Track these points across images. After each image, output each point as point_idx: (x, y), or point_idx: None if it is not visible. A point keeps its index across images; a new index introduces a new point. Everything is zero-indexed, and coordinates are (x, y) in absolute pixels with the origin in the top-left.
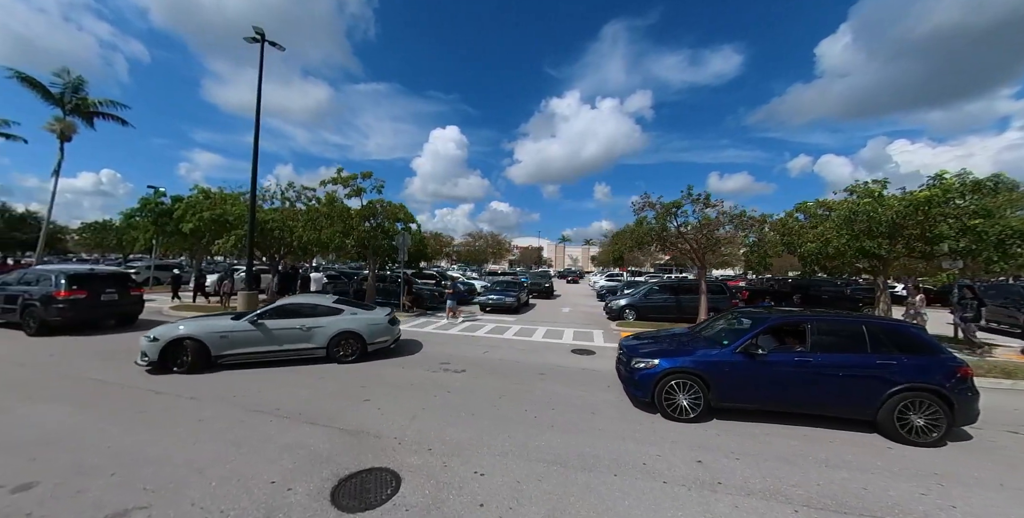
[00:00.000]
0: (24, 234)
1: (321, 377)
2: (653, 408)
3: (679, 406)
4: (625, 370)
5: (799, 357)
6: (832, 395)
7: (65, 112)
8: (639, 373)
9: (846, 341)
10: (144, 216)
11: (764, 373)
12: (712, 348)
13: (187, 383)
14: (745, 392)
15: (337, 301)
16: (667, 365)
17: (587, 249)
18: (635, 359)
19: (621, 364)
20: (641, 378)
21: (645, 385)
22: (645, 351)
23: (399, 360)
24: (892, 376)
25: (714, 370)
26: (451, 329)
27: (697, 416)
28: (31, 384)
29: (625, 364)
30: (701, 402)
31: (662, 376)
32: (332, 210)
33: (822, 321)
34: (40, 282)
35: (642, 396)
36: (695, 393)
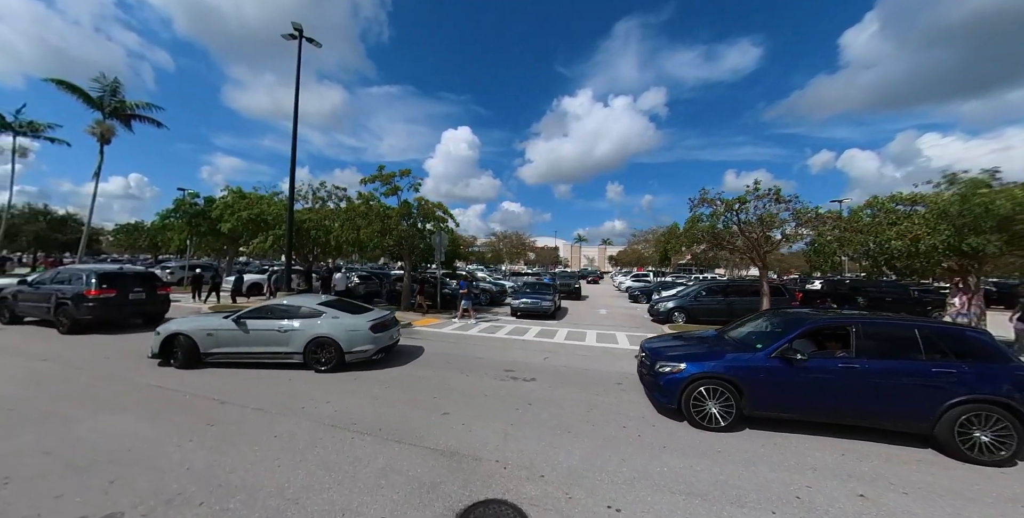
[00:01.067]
0: (64, 235)
1: (387, 385)
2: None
3: (708, 414)
4: (649, 374)
5: (843, 363)
6: (882, 406)
7: (105, 115)
8: (664, 378)
9: (896, 346)
10: (179, 217)
11: (804, 380)
12: (744, 352)
13: (248, 392)
14: (782, 400)
15: (325, 302)
16: (695, 370)
17: (603, 249)
18: (659, 363)
19: (644, 367)
20: (667, 383)
21: (671, 391)
22: (670, 354)
23: (458, 365)
24: (951, 386)
25: (747, 376)
26: (498, 332)
27: (728, 425)
28: (92, 390)
29: (648, 368)
30: (733, 410)
31: (689, 381)
32: (371, 209)
33: (869, 324)
34: (72, 281)
35: (667, 402)
36: (726, 400)
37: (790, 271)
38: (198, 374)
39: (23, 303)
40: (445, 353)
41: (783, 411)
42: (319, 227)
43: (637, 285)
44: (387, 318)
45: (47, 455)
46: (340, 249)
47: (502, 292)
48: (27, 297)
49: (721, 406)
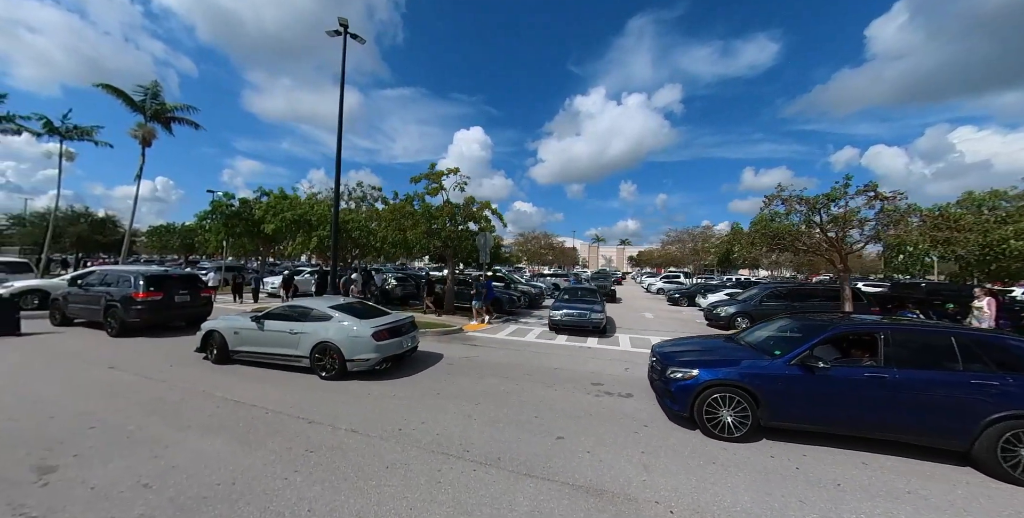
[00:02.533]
0: (104, 237)
1: (477, 402)
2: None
3: (723, 423)
4: (660, 380)
5: (870, 373)
6: (913, 420)
7: (146, 118)
8: (676, 384)
9: (930, 355)
10: (215, 219)
11: (826, 390)
12: (761, 358)
13: (332, 409)
14: (802, 411)
15: (337, 305)
16: (708, 376)
17: (622, 249)
18: (671, 368)
19: (654, 373)
20: (678, 390)
21: (682, 398)
22: (683, 359)
23: (539, 377)
24: (993, 400)
25: (764, 384)
26: (557, 338)
27: (743, 435)
28: (170, 404)
29: (659, 373)
30: (749, 419)
31: (702, 388)
32: (417, 209)
33: (900, 331)
34: (119, 283)
35: (679, 410)
36: (741, 409)
37: (819, 272)
38: (270, 387)
39: (73, 305)
40: (516, 363)
41: (803, 422)
42: (362, 228)
43: (670, 287)
44: (398, 324)
45: (147, 489)
46: (381, 250)
47: (540, 295)
48: (77, 299)
49: (736, 415)
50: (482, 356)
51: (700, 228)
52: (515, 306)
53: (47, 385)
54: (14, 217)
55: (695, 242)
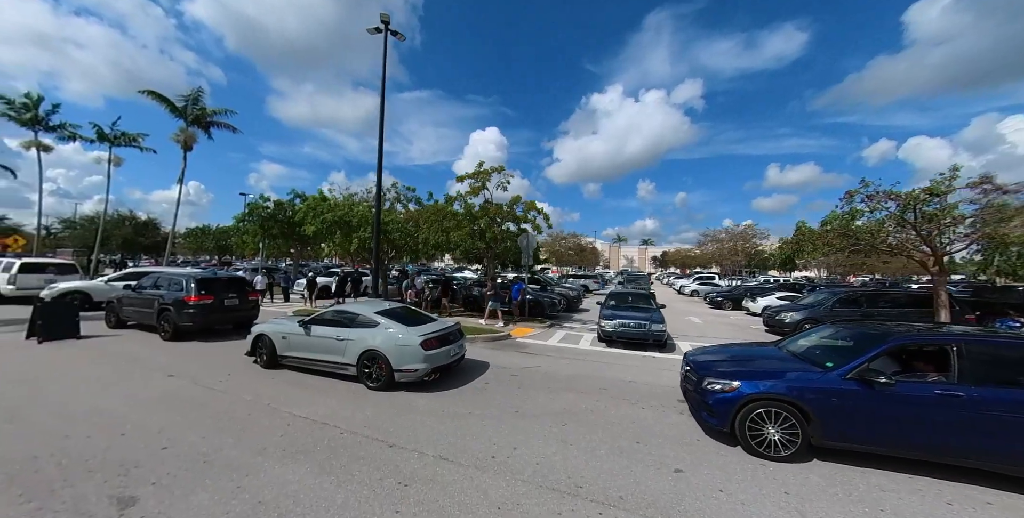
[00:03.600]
0: (146, 239)
1: (563, 423)
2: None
3: (768, 440)
4: (695, 392)
5: (942, 390)
6: (996, 445)
7: (187, 123)
8: (714, 396)
9: (1014, 371)
10: (252, 221)
11: (889, 408)
12: (809, 370)
13: (411, 430)
14: (861, 431)
15: (383, 311)
16: (750, 389)
17: (644, 249)
18: (708, 379)
19: (688, 383)
20: (717, 403)
21: (722, 412)
22: (721, 370)
23: (617, 393)
24: None
25: (816, 400)
26: (613, 346)
27: (792, 454)
28: (240, 422)
29: (695, 384)
30: (799, 438)
31: (745, 402)
32: (458, 210)
33: (976, 342)
34: (171, 286)
35: (717, 424)
36: (790, 426)
37: (856, 273)
38: (333, 400)
39: (127, 308)
40: (584, 375)
41: (862, 443)
42: (401, 229)
43: (705, 288)
44: (446, 332)
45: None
46: (420, 252)
47: (578, 297)
48: (131, 302)
49: (783, 432)
50: (545, 366)
51: (741, 227)
52: (555, 310)
53: (112, 395)
54: (65, 221)
55: (735, 242)
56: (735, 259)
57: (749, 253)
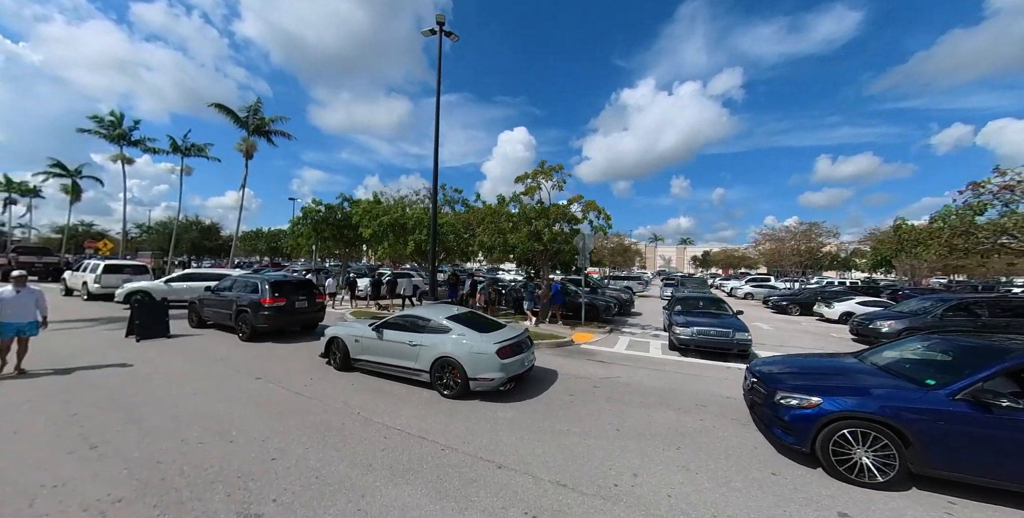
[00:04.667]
0: (210, 242)
1: (677, 446)
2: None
3: (857, 464)
4: (765, 406)
5: None
6: None
7: (249, 132)
8: (790, 413)
9: None
10: (306, 224)
11: (1011, 436)
12: (904, 387)
13: (513, 447)
14: (976, 460)
15: (453, 316)
16: (834, 406)
17: (682, 249)
18: (781, 393)
19: (755, 395)
20: (794, 420)
21: (800, 430)
22: (795, 383)
23: (719, 411)
24: None
25: (918, 422)
26: (689, 354)
27: (887, 482)
28: (340, 434)
29: (764, 397)
30: (896, 464)
31: (828, 421)
32: (514, 211)
33: None
34: (248, 289)
35: (794, 442)
36: (884, 450)
37: (932, 274)
38: (425, 413)
39: (207, 309)
40: (674, 388)
41: (976, 475)
42: (456, 231)
43: (760, 291)
44: (519, 340)
45: None
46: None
47: (630, 300)
48: (210, 303)
49: (877, 456)
50: (624, 377)
51: (805, 225)
52: (610, 314)
53: (211, 397)
54: (140, 226)
55: (797, 241)
56: (796, 260)
57: (814, 253)
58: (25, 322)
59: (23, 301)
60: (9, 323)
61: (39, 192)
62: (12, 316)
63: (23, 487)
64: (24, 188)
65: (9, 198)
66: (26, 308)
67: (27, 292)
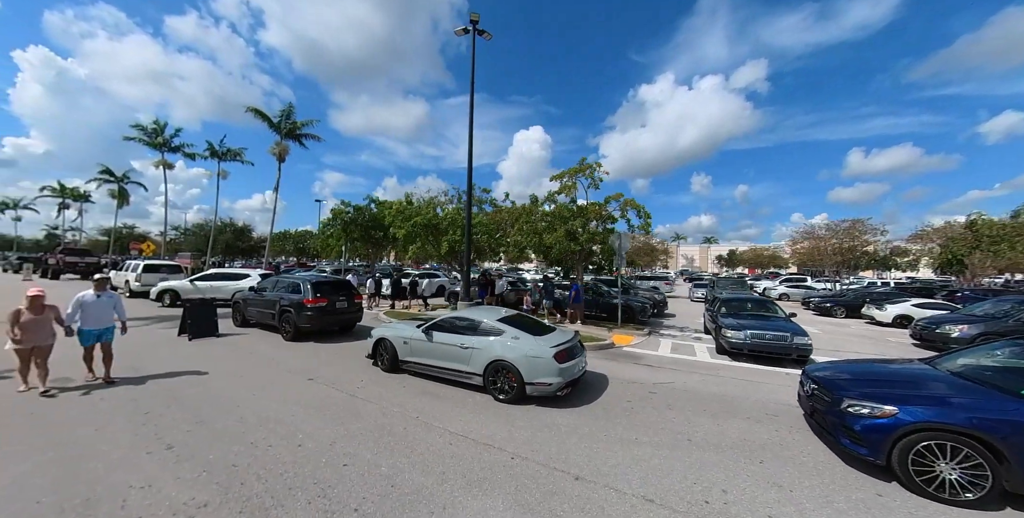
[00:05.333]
0: (243, 243)
1: (761, 460)
2: None
3: (941, 479)
4: (830, 414)
5: None
6: None
7: (282, 136)
8: (861, 422)
9: None
10: (336, 225)
11: None
12: (994, 397)
13: (583, 457)
14: None
15: (504, 319)
16: (912, 417)
17: (706, 248)
18: (848, 400)
19: (816, 402)
20: (866, 430)
21: (873, 441)
22: (864, 391)
23: (790, 420)
24: None
25: (1014, 436)
26: (741, 359)
27: (978, 499)
28: (402, 439)
29: (827, 404)
30: (988, 481)
31: (906, 432)
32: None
33: None
34: (290, 289)
35: (866, 454)
36: (974, 465)
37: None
38: (485, 418)
39: (250, 308)
40: (735, 395)
41: None
42: (490, 232)
43: (797, 292)
44: (574, 343)
45: None
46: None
47: (664, 301)
48: (254, 303)
49: (965, 472)
50: (678, 383)
51: (848, 222)
52: (645, 315)
53: (269, 398)
54: (176, 228)
55: (839, 239)
56: (837, 259)
57: (857, 252)
58: (104, 327)
59: (103, 306)
60: (89, 330)
61: (89, 197)
62: (92, 322)
63: (113, 486)
64: (76, 194)
65: (63, 203)
66: (106, 313)
67: (107, 296)
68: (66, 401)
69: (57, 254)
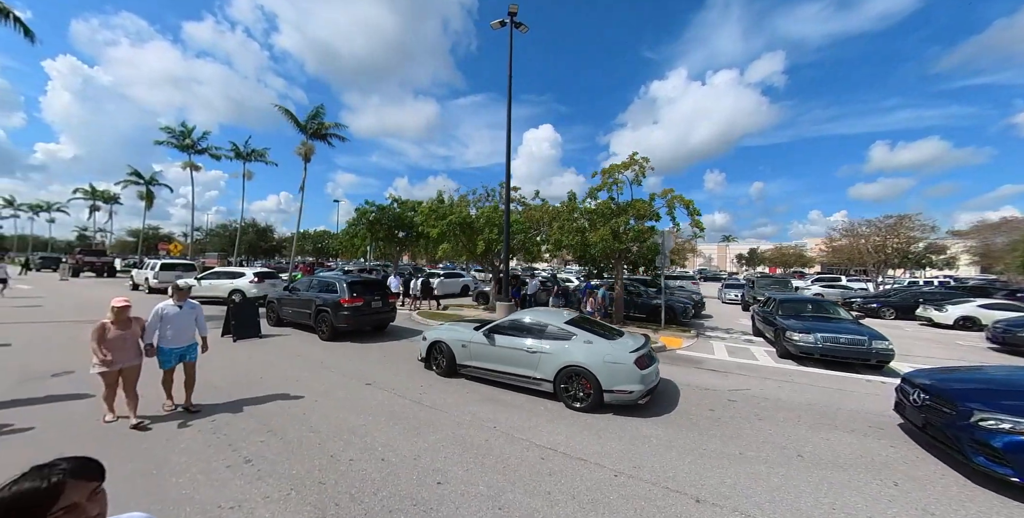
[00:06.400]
0: (265, 243)
1: (895, 481)
2: None
3: None
4: (951, 425)
5: None
6: None
7: (308, 136)
8: (1004, 438)
9: None
10: (362, 224)
11: None
12: None
13: (695, 475)
14: None
15: (571, 321)
16: None
17: (724, 246)
18: (982, 414)
19: (930, 414)
20: (1012, 448)
21: (1021, 460)
22: (1000, 402)
23: (896, 433)
24: None
25: None
26: (807, 363)
27: None
28: (489, 452)
29: (950, 417)
30: None
31: None
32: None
33: None
34: (326, 289)
35: (1012, 474)
36: None
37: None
38: (564, 428)
39: (285, 308)
40: (823, 404)
41: None
42: (526, 230)
43: (832, 292)
44: (648, 348)
45: None
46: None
47: (701, 302)
48: (289, 302)
49: None
50: (755, 389)
51: (893, 218)
52: (687, 316)
53: (335, 406)
54: (197, 229)
55: (883, 236)
56: (880, 258)
57: (903, 250)
58: (187, 345)
59: (186, 319)
60: (171, 349)
61: (118, 199)
62: (173, 338)
63: (202, 506)
64: (107, 196)
65: (94, 205)
66: (188, 328)
67: (188, 307)
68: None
69: (76, 254)
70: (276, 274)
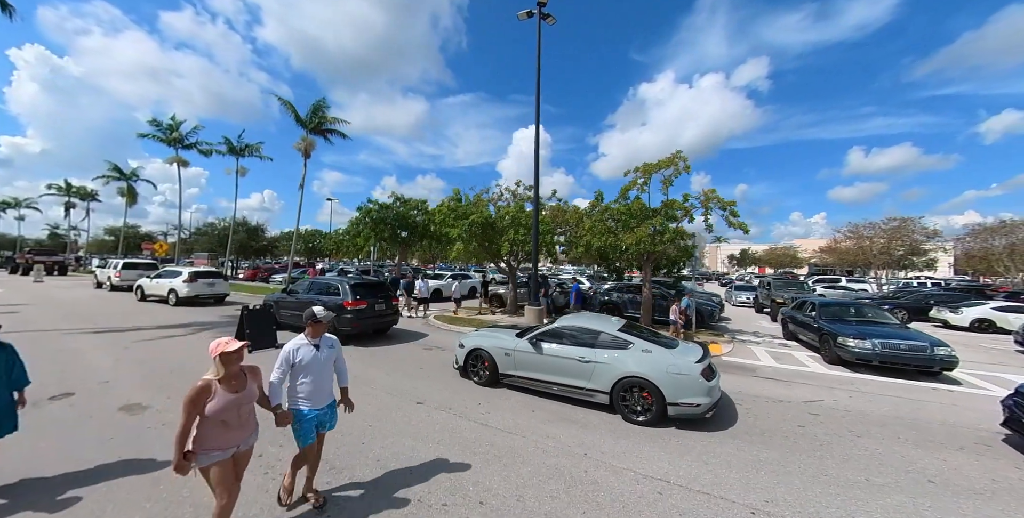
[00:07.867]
0: (256, 243)
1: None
2: None
3: None
4: None
5: None
6: None
7: (308, 131)
8: None
9: None
10: (366, 224)
11: None
12: None
13: (809, 504)
14: None
15: (624, 329)
16: None
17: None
18: None
19: None
20: None
21: None
22: None
23: (1012, 453)
24: None
25: None
26: (861, 371)
27: None
28: (604, 490)
29: None
30: None
31: None
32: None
33: None
34: (327, 292)
35: None
36: None
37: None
38: (659, 453)
39: (284, 311)
40: (911, 418)
41: None
42: (551, 231)
43: (833, 293)
44: (710, 358)
45: None
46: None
47: (721, 305)
48: (288, 306)
49: None
50: (828, 401)
51: (896, 221)
52: (714, 320)
53: (393, 431)
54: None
55: (888, 239)
56: (884, 259)
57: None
58: (326, 405)
59: (324, 366)
60: (309, 413)
61: (96, 196)
62: (310, 396)
63: None
64: (84, 192)
65: (68, 202)
66: (327, 378)
67: (327, 346)
68: None
69: (26, 254)
70: (217, 273)
